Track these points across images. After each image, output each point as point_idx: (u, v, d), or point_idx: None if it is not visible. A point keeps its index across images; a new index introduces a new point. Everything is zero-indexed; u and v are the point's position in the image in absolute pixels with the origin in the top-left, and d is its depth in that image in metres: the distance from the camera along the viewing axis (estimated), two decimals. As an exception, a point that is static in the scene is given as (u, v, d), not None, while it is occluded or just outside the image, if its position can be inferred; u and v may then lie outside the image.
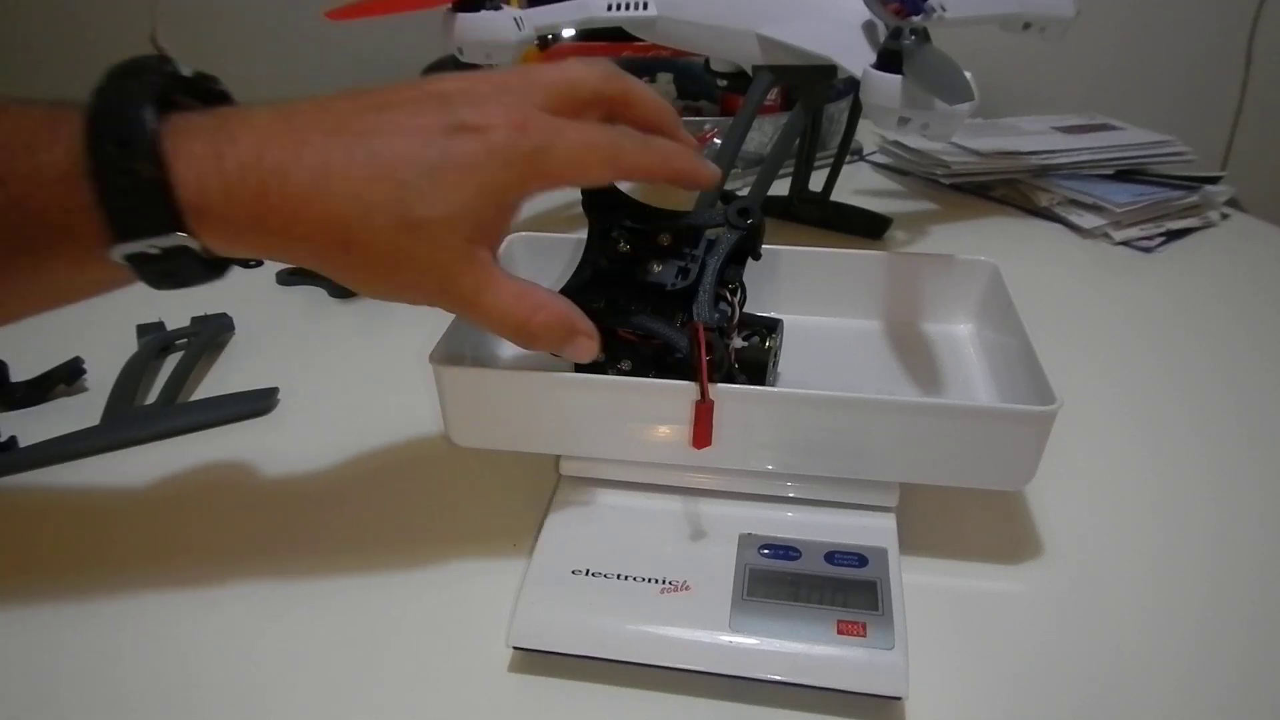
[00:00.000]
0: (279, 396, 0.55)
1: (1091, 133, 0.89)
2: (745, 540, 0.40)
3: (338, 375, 0.58)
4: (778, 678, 0.35)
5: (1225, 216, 0.81)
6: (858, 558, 0.39)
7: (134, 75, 0.32)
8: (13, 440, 0.50)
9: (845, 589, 0.37)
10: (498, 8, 0.59)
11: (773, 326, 0.46)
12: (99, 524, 0.46)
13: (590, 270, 0.41)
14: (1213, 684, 0.37)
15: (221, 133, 0.31)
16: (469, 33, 0.59)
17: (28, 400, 0.54)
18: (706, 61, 0.82)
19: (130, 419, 0.52)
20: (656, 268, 0.40)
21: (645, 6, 0.62)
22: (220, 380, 0.57)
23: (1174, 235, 0.77)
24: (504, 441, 0.43)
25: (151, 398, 0.54)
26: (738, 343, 0.44)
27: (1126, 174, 0.83)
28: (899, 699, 0.35)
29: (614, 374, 0.40)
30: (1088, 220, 0.78)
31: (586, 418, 0.41)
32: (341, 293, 0.67)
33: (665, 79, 0.91)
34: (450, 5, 0.59)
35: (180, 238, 0.31)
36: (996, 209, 0.83)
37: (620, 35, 0.68)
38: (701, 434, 0.38)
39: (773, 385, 0.45)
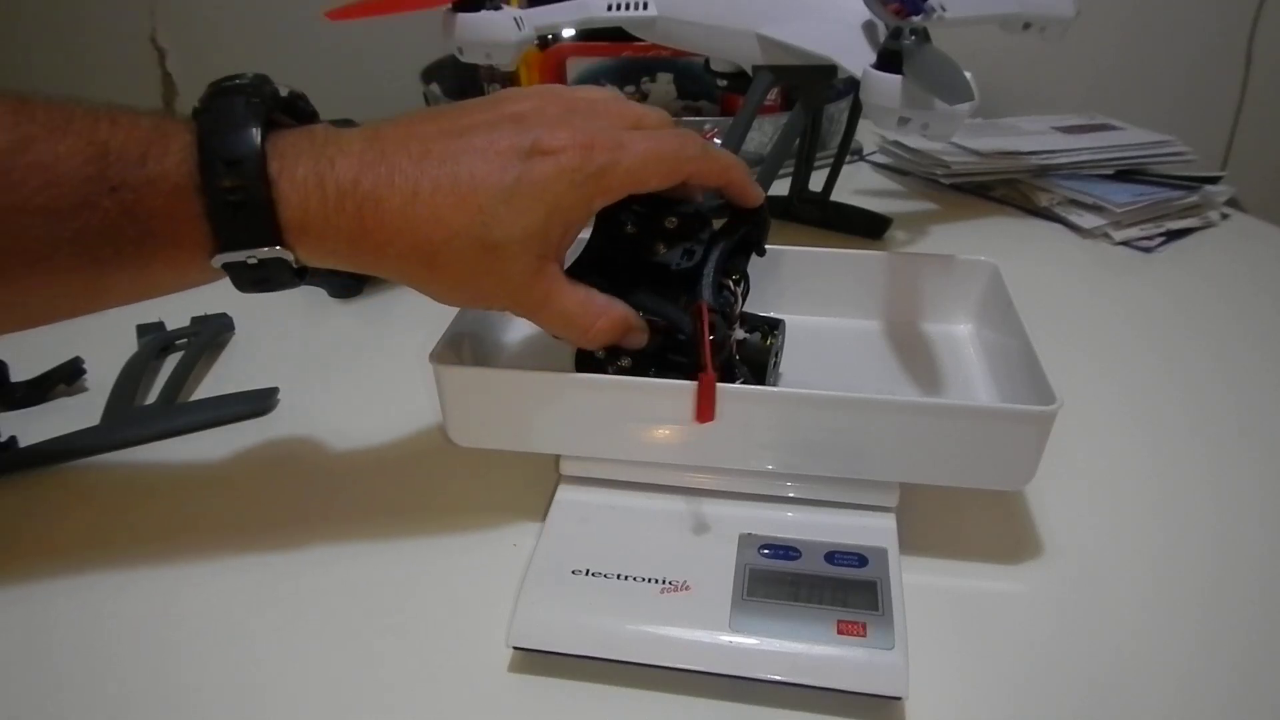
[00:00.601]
0: (279, 397, 0.55)
1: (1091, 133, 0.89)
2: (745, 540, 0.40)
3: (338, 375, 0.58)
4: (778, 678, 0.35)
5: (1225, 216, 0.81)
6: (858, 558, 0.39)
7: (239, 94, 0.34)
8: (13, 440, 0.50)
9: (845, 589, 0.37)
10: (498, 8, 0.59)
11: (775, 325, 0.46)
12: (99, 524, 0.46)
13: (595, 253, 0.42)
14: (1212, 683, 0.37)
15: (323, 158, 0.34)
16: (469, 33, 0.59)
17: (28, 400, 0.54)
18: (706, 61, 0.82)
19: (130, 419, 0.52)
20: (662, 250, 0.40)
21: (645, 6, 0.62)
22: (220, 380, 0.57)
23: (1174, 235, 0.77)
24: (503, 441, 0.43)
25: (151, 398, 0.54)
26: (740, 335, 0.44)
27: (1126, 174, 0.84)
28: (899, 699, 0.35)
29: (614, 371, 0.40)
30: (1088, 220, 0.78)
31: (586, 418, 0.41)
32: (341, 293, 0.67)
33: (665, 79, 0.91)
34: (450, 5, 0.59)
35: (278, 251, 0.34)
36: (996, 209, 0.83)
37: (620, 35, 0.68)
38: (705, 408, 0.38)
39: (774, 385, 0.45)
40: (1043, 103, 1.04)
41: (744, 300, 0.42)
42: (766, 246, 0.44)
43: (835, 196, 0.79)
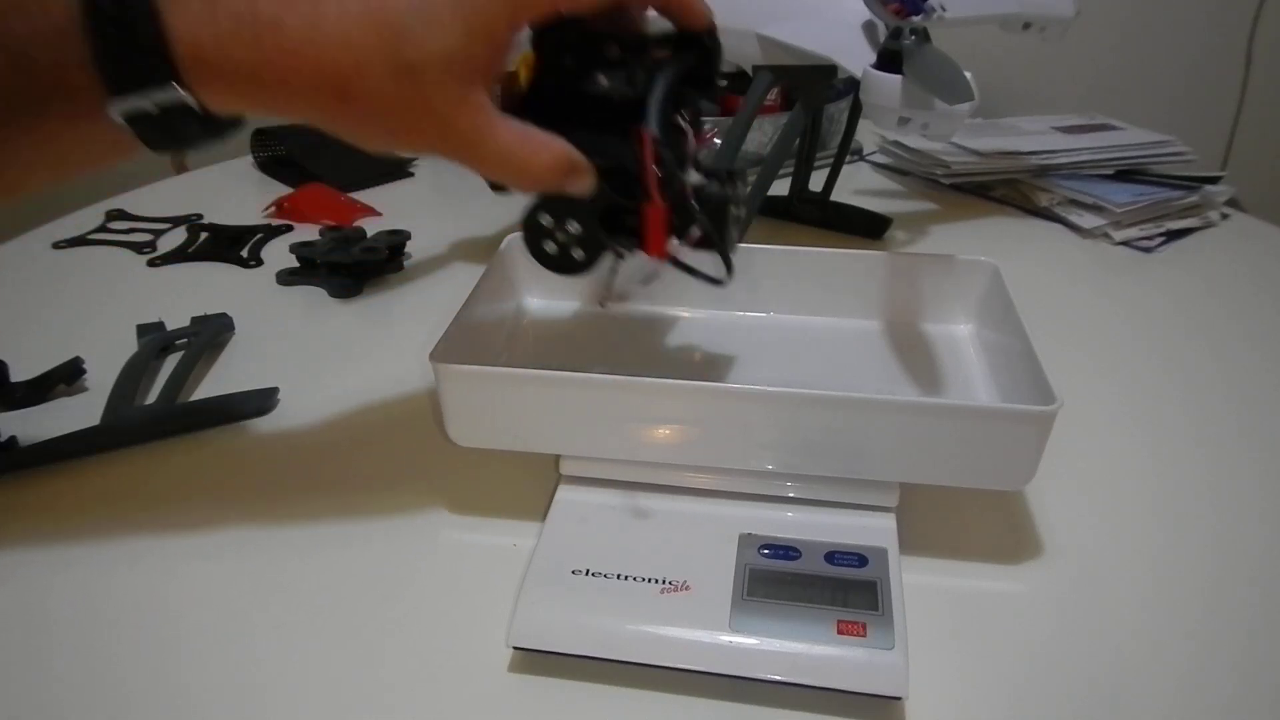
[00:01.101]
0: (281, 399, 0.55)
1: (1091, 133, 0.89)
2: (745, 540, 0.40)
3: (338, 375, 0.58)
4: (778, 678, 0.35)
5: (1225, 216, 0.81)
6: (858, 558, 0.39)
7: None
8: (13, 440, 0.50)
9: (845, 589, 0.37)
10: (498, 8, 0.59)
11: (734, 173, 0.43)
12: (98, 523, 0.46)
13: (532, 93, 0.39)
14: (1212, 683, 0.37)
15: None
16: (469, 33, 0.59)
17: (28, 400, 0.54)
18: (706, 61, 0.82)
19: (131, 418, 0.52)
20: (603, 80, 0.38)
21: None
22: (220, 380, 0.57)
23: (1174, 235, 0.77)
24: (503, 442, 0.43)
25: (152, 397, 0.54)
26: (695, 178, 0.41)
27: (1126, 174, 0.83)
28: (899, 699, 0.35)
29: (562, 239, 0.39)
30: (1088, 220, 0.78)
31: (586, 417, 0.41)
32: (341, 293, 0.67)
33: (665, 79, 0.91)
34: (450, 5, 0.59)
35: (176, 91, 0.30)
36: (996, 209, 0.83)
37: (620, 35, 0.68)
38: (655, 241, 0.36)
39: (736, 235, 0.43)
40: (1043, 103, 1.05)
41: (699, 141, 0.39)
42: (763, 247, 0.43)
43: (835, 196, 0.79)
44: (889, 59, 0.47)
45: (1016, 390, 0.43)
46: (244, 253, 0.74)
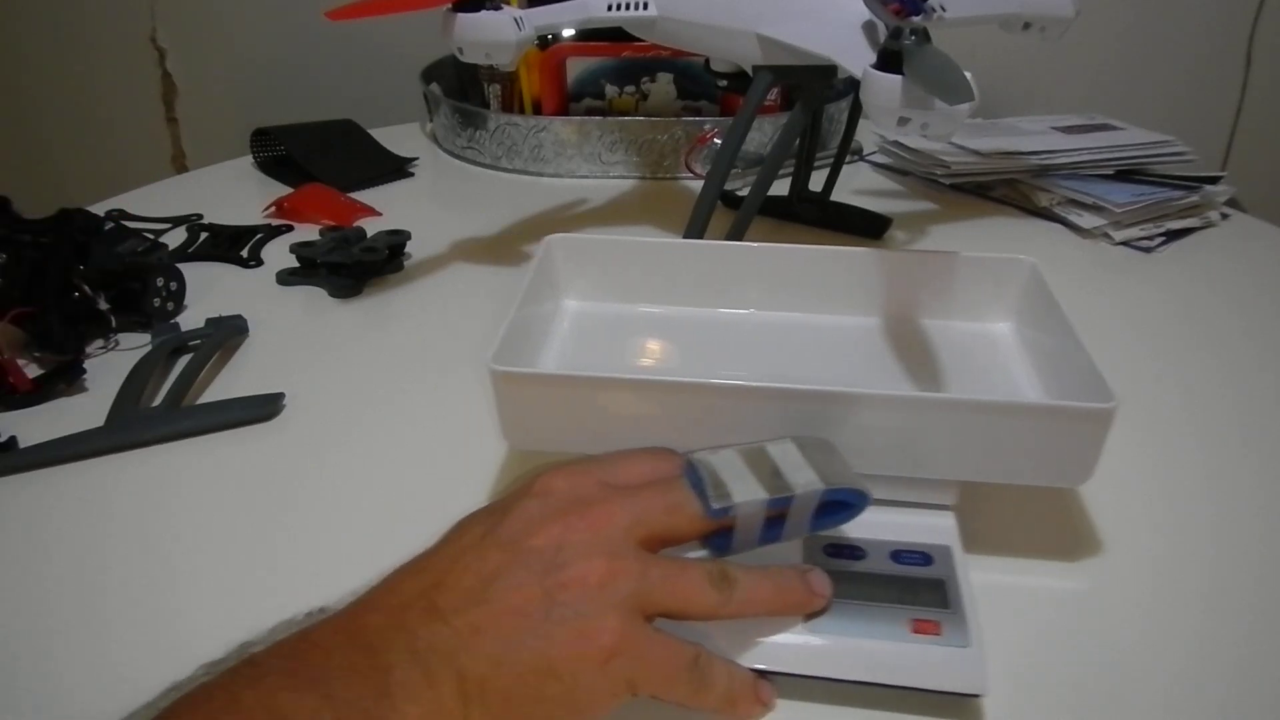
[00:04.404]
0: (284, 402, 0.55)
1: (1091, 133, 0.89)
2: (809, 541, 0.39)
3: (346, 380, 0.58)
4: (858, 677, 0.35)
5: (1225, 216, 0.81)
6: (922, 556, 0.39)
7: None
8: (13, 440, 0.50)
9: (914, 587, 0.37)
10: (498, 8, 0.59)
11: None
12: (98, 524, 0.46)
13: None
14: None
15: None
16: (469, 33, 0.59)
17: (28, 400, 0.54)
18: (706, 61, 0.82)
19: (134, 421, 0.52)
20: None
21: (645, 6, 0.62)
22: (230, 383, 0.57)
23: (1174, 235, 0.77)
24: (561, 444, 0.42)
25: (161, 398, 0.54)
26: None
27: (1126, 174, 0.83)
28: (978, 696, 0.35)
29: None
30: (1088, 220, 0.78)
31: (645, 421, 0.40)
32: (341, 293, 0.67)
33: (665, 79, 0.91)
34: (450, 5, 0.59)
35: None
36: (996, 209, 0.83)
37: (620, 35, 0.68)
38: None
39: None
40: (1043, 103, 1.04)
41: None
42: (797, 246, 0.42)
43: (835, 196, 0.79)
44: (889, 59, 0.47)
45: (1067, 388, 0.43)
46: (244, 253, 0.74)
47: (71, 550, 0.44)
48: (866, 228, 0.77)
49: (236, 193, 0.86)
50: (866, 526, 0.39)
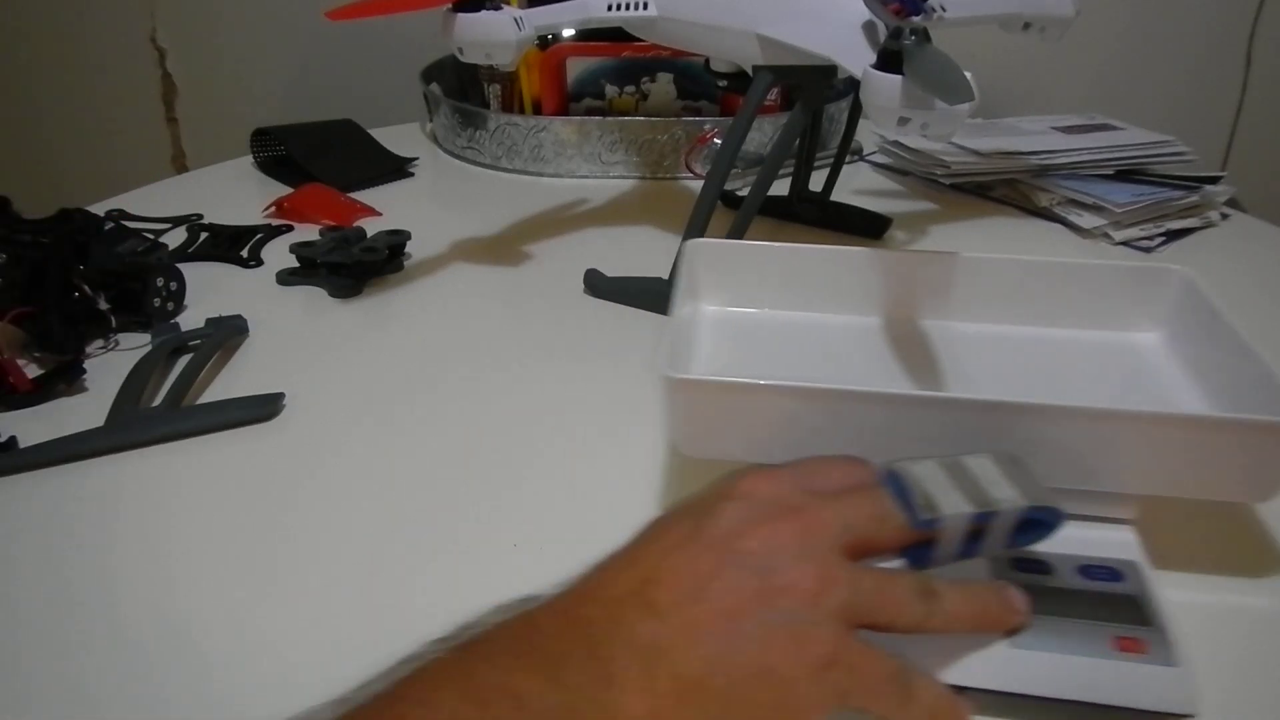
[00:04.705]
0: (284, 402, 0.55)
1: (1091, 133, 0.89)
2: (995, 557, 0.38)
3: (346, 380, 0.58)
4: (1064, 695, 0.34)
5: (1225, 216, 0.81)
6: (1110, 571, 0.38)
7: None
8: (13, 440, 0.50)
9: (1108, 604, 0.36)
10: (498, 8, 0.59)
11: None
12: (98, 525, 0.46)
13: None
14: None
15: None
16: (469, 33, 0.59)
17: (28, 400, 0.54)
18: (706, 61, 0.82)
19: (134, 421, 0.52)
20: None
21: (645, 6, 0.62)
22: (230, 383, 0.57)
23: (1174, 235, 0.77)
24: (737, 452, 0.41)
25: (160, 398, 0.54)
26: None
27: (1126, 174, 0.83)
28: (1190, 717, 0.34)
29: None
30: (1088, 220, 0.78)
31: (828, 428, 0.40)
32: (341, 293, 0.67)
33: (665, 79, 0.91)
34: (450, 5, 0.59)
35: None
36: (996, 209, 0.83)
37: (620, 35, 0.68)
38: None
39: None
40: (1043, 103, 1.04)
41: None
42: (944, 251, 0.44)
43: (835, 196, 0.79)
44: (889, 59, 0.47)
45: (1240, 400, 0.42)
46: (244, 253, 0.74)
47: (71, 550, 0.44)
48: (866, 228, 0.77)
49: (236, 193, 0.86)
50: (1048, 540, 0.38)
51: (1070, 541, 0.37)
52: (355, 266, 0.68)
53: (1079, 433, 0.38)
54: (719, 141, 0.83)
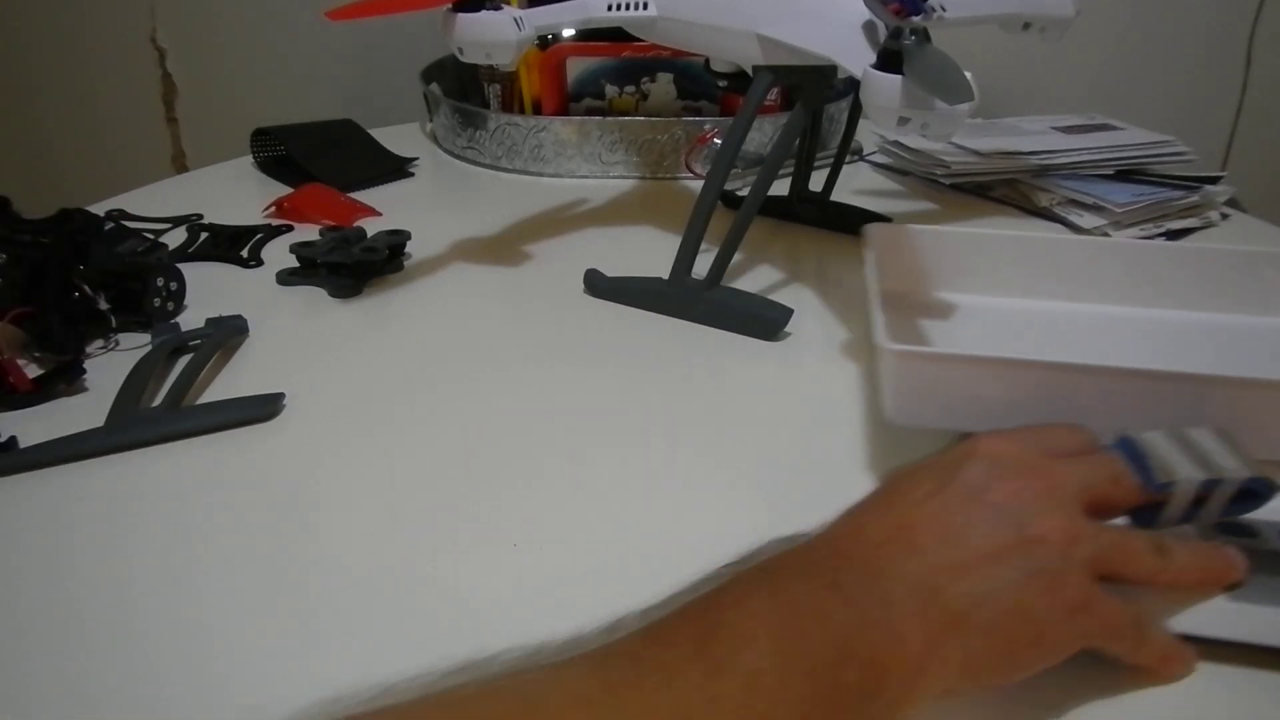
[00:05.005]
0: (284, 402, 0.54)
1: (1091, 133, 0.89)
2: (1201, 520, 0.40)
3: (346, 380, 0.58)
4: None
5: (1225, 216, 0.81)
6: None
7: None
8: (13, 440, 0.50)
9: None
10: (498, 8, 0.59)
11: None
12: (98, 525, 0.46)
13: None
14: None
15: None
16: (469, 33, 0.59)
17: (28, 400, 0.54)
18: (706, 61, 0.82)
19: (134, 421, 0.52)
20: None
21: (645, 6, 0.62)
22: (230, 383, 0.57)
23: (1174, 235, 0.77)
24: (949, 421, 0.45)
25: (160, 399, 0.54)
26: None
27: (1126, 174, 0.83)
28: None
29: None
30: (1088, 220, 0.78)
31: (1048, 401, 0.42)
32: (341, 293, 0.67)
33: (665, 79, 0.91)
34: (450, 5, 0.59)
35: None
36: (996, 209, 0.83)
37: (620, 35, 0.68)
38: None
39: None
40: (1043, 103, 1.04)
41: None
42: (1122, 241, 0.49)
43: (835, 196, 0.79)
44: (889, 59, 0.47)
45: None
46: (244, 253, 0.74)
47: (71, 550, 0.44)
48: (866, 228, 0.77)
49: (236, 193, 0.86)
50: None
51: (1273, 510, 0.39)
52: (355, 266, 0.68)
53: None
54: (719, 141, 0.83)
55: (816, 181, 0.78)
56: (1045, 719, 0.35)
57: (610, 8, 0.63)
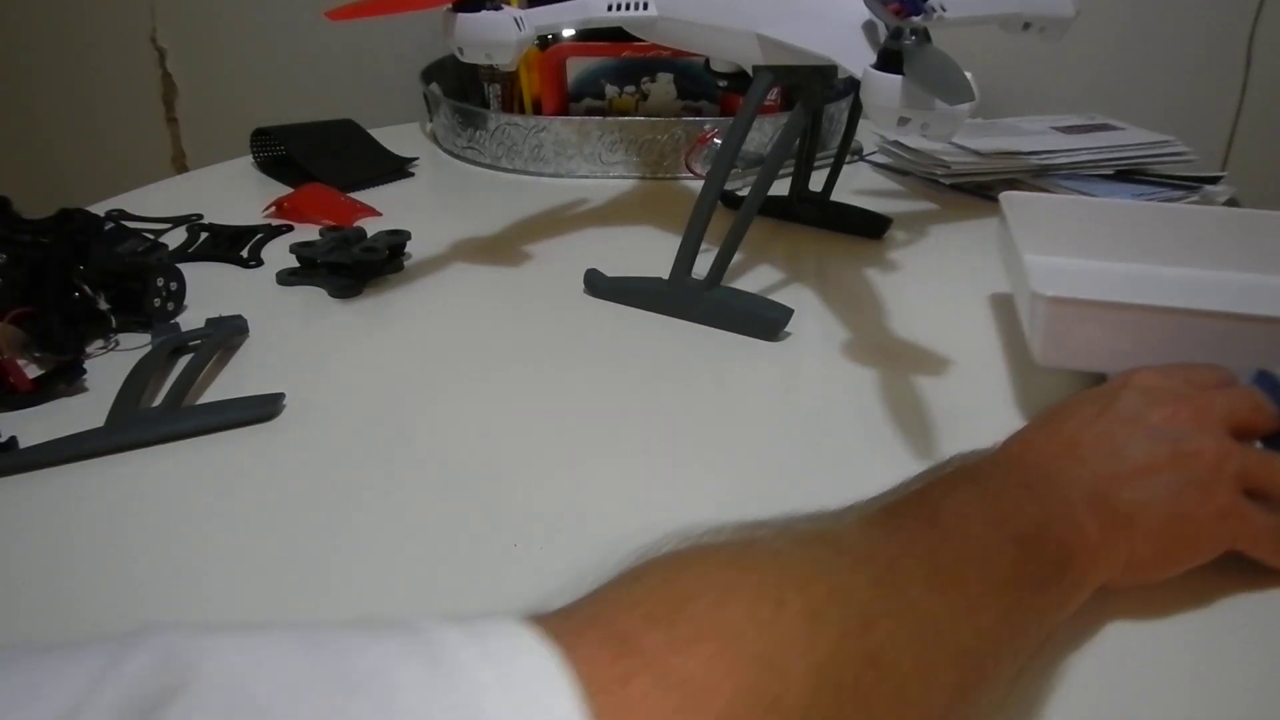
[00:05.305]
0: (284, 402, 0.54)
1: (1091, 133, 0.89)
2: None
3: (346, 380, 0.58)
4: None
5: (1225, 216, 0.81)
6: None
7: None
8: (13, 440, 0.50)
9: None
10: (498, 8, 0.59)
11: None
12: (98, 525, 0.46)
13: None
14: None
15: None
16: (469, 33, 0.59)
17: (28, 400, 0.54)
18: (706, 61, 0.82)
19: (134, 421, 0.52)
20: None
21: (645, 6, 0.62)
22: (231, 383, 0.57)
23: (1174, 235, 0.77)
24: (1095, 363, 0.50)
25: (160, 399, 0.54)
26: None
27: (1126, 174, 0.83)
28: None
29: None
30: (1088, 220, 0.78)
31: (1187, 345, 0.46)
32: (341, 293, 0.67)
33: (665, 79, 0.91)
34: (450, 5, 0.59)
35: None
36: (996, 209, 0.83)
37: (620, 35, 0.68)
38: None
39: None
40: (1043, 103, 1.04)
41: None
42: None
43: (835, 196, 0.79)
44: (889, 59, 0.47)
45: None
46: (244, 253, 0.74)
47: (71, 551, 0.44)
48: (866, 228, 0.77)
49: (236, 193, 0.86)
50: None
51: None
52: (355, 266, 0.68)
53: None
54: (719, 141, 0.83)
55: (816, 181, 0.78)
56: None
57: (610, 8, 0.63)
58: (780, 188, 0.77)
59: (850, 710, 0.25)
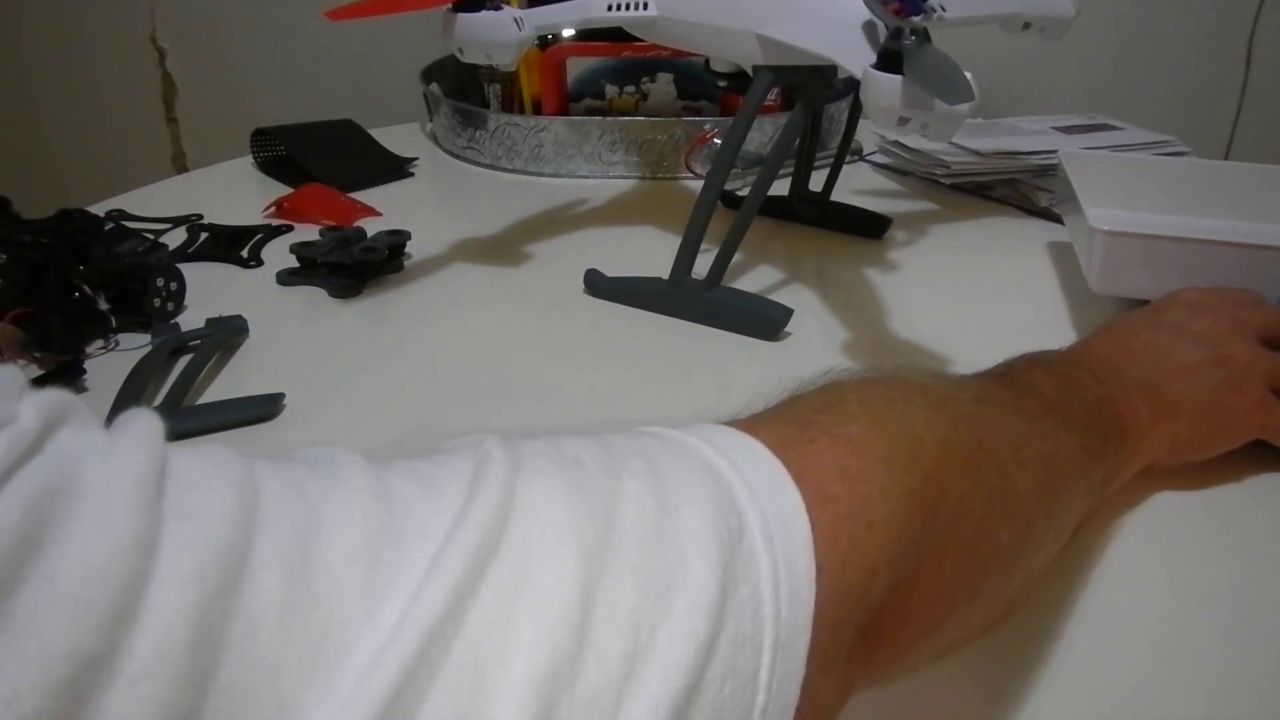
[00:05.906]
0: (284, 402, 0.54)
1: (1091, 133, 0.89)
2: None
3: (346, 380, 0.58)
4: None
5: (1225, 216, 0.81)
6: None
7: None
8: (13, 440, 0.50)
9: None
10: (498, 8, 0.59)
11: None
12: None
13: None
14: None
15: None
16: (469, 33, 0.59)
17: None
18: (706, 61, 0.82)
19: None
20: None
21: (645, 6, 0.62)
22: (231, 383, 0.57)
23: (1174, 235, 0.77)
24: (1149, 291, 0.55)
25: (159, 400, 0.54)
26: None
27: (1126, 174, 0.83)
28: None
29: None
30: (1088, 220, 0.78)
31: (1229, 274, 0.53)
32: (341, 293, 0.67)
33: (665, 79, 0.91)
34: (450, 5, 0.59)
35: None
36: (996, 209, 0.83)
37: (620, 35, 0.68)
38: None
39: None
40: (1043, 103, 1.04)
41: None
42: None
43: (835, 196, 0.79)
44: (889, 59, 0.47)
45: None
46: (244, 253, 0.74)
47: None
48: (866, 228, 0.77)
49: (236, 193, 0.86)
50: None
51: None
52: (355, 266, 0.68)
53: None
54: (719, 141, 0.83)
55: (816, 181, 0.78)
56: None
57: (610, 8, 0.63)
58: (780, 188, 0.77)
59: (969, 469, 0.31)
